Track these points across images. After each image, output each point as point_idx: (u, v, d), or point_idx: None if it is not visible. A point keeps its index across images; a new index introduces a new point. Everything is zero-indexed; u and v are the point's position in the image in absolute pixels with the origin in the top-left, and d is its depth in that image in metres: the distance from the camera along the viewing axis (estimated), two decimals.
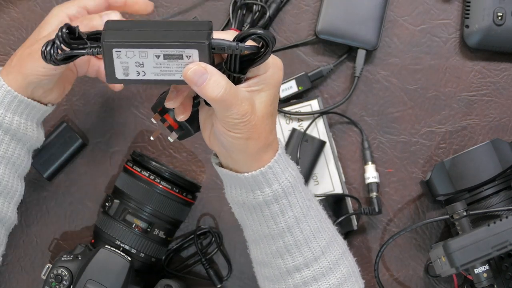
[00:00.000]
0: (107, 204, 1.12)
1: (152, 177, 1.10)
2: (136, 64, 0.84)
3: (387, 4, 1.19)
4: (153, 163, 1.11)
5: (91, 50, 0.85)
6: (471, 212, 1.07)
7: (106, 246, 1.08)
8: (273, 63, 0.89)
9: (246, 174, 0.91)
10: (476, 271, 1.01)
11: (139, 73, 0.85)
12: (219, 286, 1.18)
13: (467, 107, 1.20)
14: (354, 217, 1.18)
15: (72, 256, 1.09)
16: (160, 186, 1.10)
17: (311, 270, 0.96)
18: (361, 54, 1.18)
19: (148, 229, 1.10)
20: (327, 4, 1.18)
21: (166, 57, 0.84)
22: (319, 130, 1.19)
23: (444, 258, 1.00)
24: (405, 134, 1.20)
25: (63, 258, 1.09)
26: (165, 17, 1.21)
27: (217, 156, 0.95)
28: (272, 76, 0.88)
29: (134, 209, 1.10)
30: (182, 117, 0.90)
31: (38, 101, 1.02)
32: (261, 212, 0.94)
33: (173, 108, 0.91)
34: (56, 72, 0.97)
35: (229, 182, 0.95)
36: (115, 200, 1.11)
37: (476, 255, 0.99)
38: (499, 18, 1.16)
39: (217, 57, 0.87)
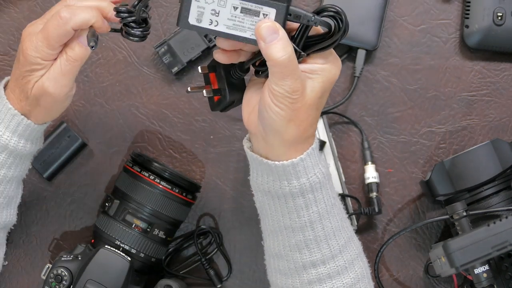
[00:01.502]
0: (107, 204, 1.12)
1: (152, 177, 1.10)
2: (212, 11, 0.86)
3: (387, 4, 1.18)
4: (153, 163, 1.11)
5: None
6: (471, 212, 1.07)
7: (106, 246, 1.08)
8: (334, 59, 0.91)
9: (276, 162, 0.91)
10: (476, 271, 1.01)
11: (211, 22, 0.86)
12: (219, 286, 1.18)
13: (467, 107, 1.20)
14: (354, 217, 1.18)
15: (72, 256, 1.09)
16: (160, 186, 1.10)
17: (327, 267, 0.96)
18: (361, 54, 1.18)
19: (148, 229, 1.10)
20: None
21: (243, 10, 0.86)
22: (319, 130, 1.19)
23: (444, 258, 1.00)
24: (405, 134, 1.20)
25: (63, 258, 1.09)
26: (164, 18, 1.21)
27: (249, 141, 0.96)
28: (330, 70, 0.90)
29: (134, 209, 1.10)
30: (219, 56, 0.91)
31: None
32: (285, 203, 0.94)
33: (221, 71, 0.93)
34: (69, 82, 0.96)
35: (256, 168, 0.95)
36: (115, 200, 1.11)
37: (476, 255, 0.99)
38: (499, 18, 1.16)
39: None
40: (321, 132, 1.19)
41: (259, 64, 0.92)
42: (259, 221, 1.00)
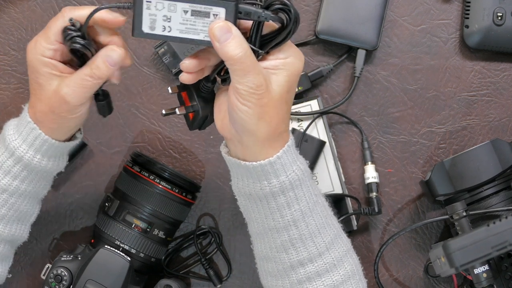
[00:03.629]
0: (107, 204, 1.12)
1: (152, 177, 1.10)
2: (163, 17, 0.87)
3: (387, 4, 1.19)
4: (153, 163, 1.11)
5: (123, 4, 0.88)
6: (471, 212, 1.07)
7: (106, 246, 1.08)
8: (295, 52, 0.91)
9: (254, 163, 0.91)
10: (476, 271, 1.01)
11: (165, 28, 0.87)
12: (218, 286, 1.18)
13: (467, 107, 1.20)
14: (353, 217, 1.18)
15: (72, 256, 1.09)
16: (160, 186, 1.10)
17: (315, 265, 0.96)
18: (361, 54, 1.18)
19: (148, 229, 1.10)
20: (327, 4, 1.18)
21: (193, 13, 0.86)
22: (318, 130, 1.19)
23: (444, 258, 1.00)
24: (405, 134, 1.20)
25: (63, 258, 1.09)
26: None
27: (226, 147, 0.96)
28: (292, 63, 0.90)
29: (134, 209, 1.10)
30: (186, 78, 0.91)
31: (72, 136, 1.01)
32: (267, 204, 0.94)
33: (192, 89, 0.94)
34: (85, 100, 0.95)
35: (236, 172, 0.95)
36: (115, 200, 1.11)
37: (475, 255, 0.99)
38: (499, 18, 1.16)
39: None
40: (321, 132, 1.19)
41: (224, 73, 0.92)
42: (247, 224, 1.00)
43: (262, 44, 0.89)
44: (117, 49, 0.92)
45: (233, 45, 0.86)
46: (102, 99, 0.98)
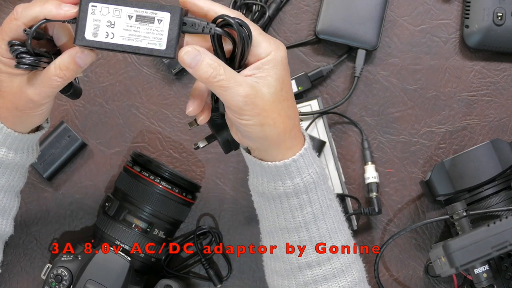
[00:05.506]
0: (107, 204, 1.12)
1: (152, 177, 1.10)
2: (107, 23, 0.86)
3: (387, 4, 1.19)
4: (153, 163, 1.11)
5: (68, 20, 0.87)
6: (471, 212, 1.07)
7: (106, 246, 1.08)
8: (269, 45, 0.89)
9: (269, 163, 0.92)
10: (476, 271, 1.01)
11: (107, 35, 0.86)
12: (219, 286, 1.18)
13: (467, 107, 1.20)
14: (354, 217, 1.18)
15: (72, 256, 1.09)
16: (160, 186, 1.10)
17: (323, 269, 0.96)
18: (361, 54, 1.18)
19: (148, 229, 1.10)
20: (327, 4, 1.18)
21: (138, 18, 0.86)
22: (318, 130, 1.19)
23: (444, 258, 1.00)
24: (405, 134, 1.20)
25: (63, 258, 1.09)
26: None
27: None
28: (274, 58, 0.88)
29: (134, 209, 1.10)
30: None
31: (36, 128, 0.99)
32: (280, 204, 0.94)
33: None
34: (51, 96, 0.93)
35: (253, 169, 0.95)
36: (115, 200, 1.11)
37: (476, 255, 0.99)
38: (499, 18, 1.16)
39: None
40: (321, 132, 1.19)
41: (215, 100, 0.93)
42: (259, 221, 1.01)
43: (231, 63, 0.88)
44: (86, 50, 0.89)
45: (204, 66, 0.85)
46: (67, 89, 0.96)
